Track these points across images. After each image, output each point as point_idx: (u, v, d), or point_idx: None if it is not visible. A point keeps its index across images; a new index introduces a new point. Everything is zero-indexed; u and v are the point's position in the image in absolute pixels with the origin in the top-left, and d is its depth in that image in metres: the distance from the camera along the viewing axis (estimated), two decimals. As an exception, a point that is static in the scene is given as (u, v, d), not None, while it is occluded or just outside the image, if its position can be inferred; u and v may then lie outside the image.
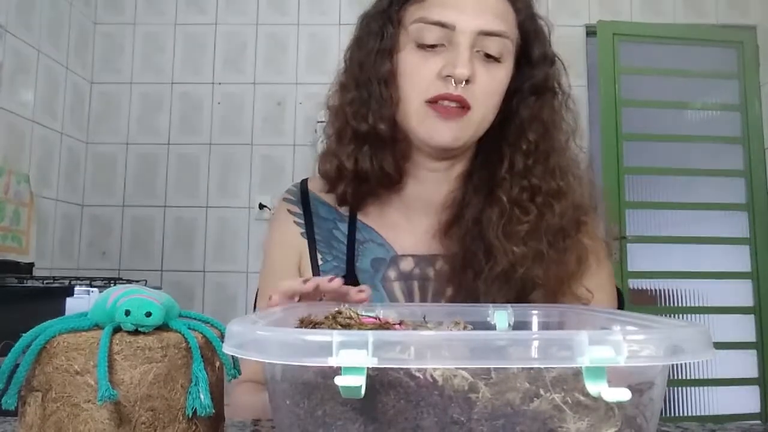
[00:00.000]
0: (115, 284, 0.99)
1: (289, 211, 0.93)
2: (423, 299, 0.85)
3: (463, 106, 0.79)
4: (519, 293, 0.79)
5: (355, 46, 0.87)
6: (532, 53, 0.84)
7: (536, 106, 0.84)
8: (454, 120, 0.79)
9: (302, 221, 0.91)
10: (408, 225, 0.88)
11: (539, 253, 0.79)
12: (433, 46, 0.79)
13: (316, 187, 0.94)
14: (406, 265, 0.86)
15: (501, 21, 0.80)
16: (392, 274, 0.86)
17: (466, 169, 0.88)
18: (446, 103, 0.79)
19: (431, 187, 0.87)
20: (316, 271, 0.88)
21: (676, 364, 1.96)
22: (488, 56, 0.79)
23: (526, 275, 0.78)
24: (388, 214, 0.89)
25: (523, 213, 0.80)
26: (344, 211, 0.90)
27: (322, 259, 0.88)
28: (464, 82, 0.77)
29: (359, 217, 0.90)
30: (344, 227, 0.89)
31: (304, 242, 0.90)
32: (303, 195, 0.93)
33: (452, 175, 0.87)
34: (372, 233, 0.89)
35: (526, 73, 0.84)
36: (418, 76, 0.80)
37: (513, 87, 0.84)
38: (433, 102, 0.79)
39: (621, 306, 0.94)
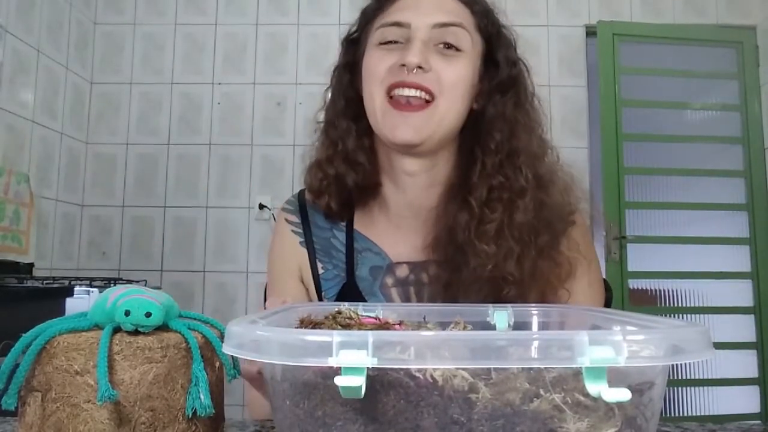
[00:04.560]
0: (115, 284, 0.99)
1: (287, 220, 0.95)
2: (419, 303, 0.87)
3: (427, 98, 0.80)
4: (493, 291, 0.79)
5: (335, 66, 0.94)
6: (496, 55, 0.87)
7: (501, 104, 0.85)
8: (415, 113, 0.80)
9: (300, 230, 0.93)
10: (399, 233, 0.90)
11: (510, 250, 0.79)
12: (392, 42, 0.83)
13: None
14: (402, 272, 0.88)
15: (455, 16, 0.83)
16: (389, 280, 0.87)
17: (447, 175, 0.88)
18: (405, 91, 0.80)
19: (412, 193, 0.88)
20: (317, 279, 0.90)
21: (676, 364, 1.97)
22: (447, 47, 0.82)
23: (498, 273, 0.79)
24: (379, 224, 0.91)
25: (491, 211, 0.81)
26: (341, 220, 0.92)
27: (322, 267, 0.91)
28: (416, 69, 0.79)
29: (356, 226, 0.92)
30: (342, 236, 0.91)
31: (304, 251, 0.92)
32: (301, 205, 0.96)
33: (432, 180, 0.87)
34: (368, 242, 0.90)
35: (492, 74, 0.86)
36: (377, 69, 0.83)
37: (481, 89, 0.86)
38: (391, 93, 0.81)
39: (609, 300, 0.95)
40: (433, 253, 0.85)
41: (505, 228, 0.80)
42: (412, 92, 0.80)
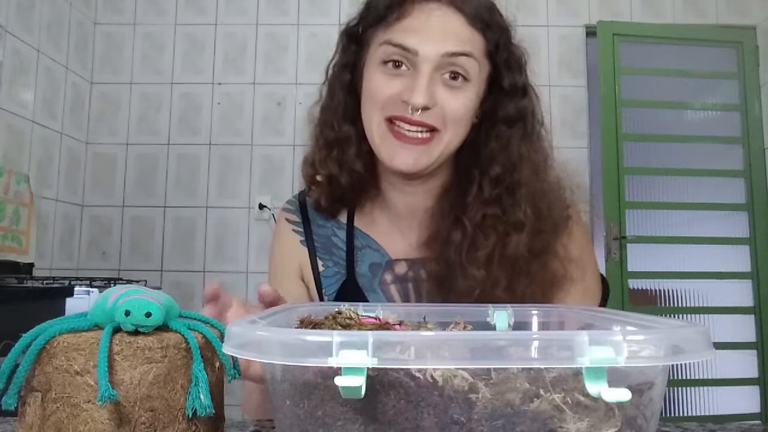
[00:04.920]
0: (115, 284, 0.99)
1: (288, 220, 0.96)
2: (418, 300, 0.87)
3: (431, 129, 0.79)
4: None
5: (333, 60, 0.91)
6: (503, 82, 0.84)
7: (506, 136, 0.83)
8: (415, 146, 0.79)
9: (301, 230, 0.94)
10: (398, 231, 0.90)
11: (498, 278, 0.79)
12: (397, 66, 0.79)
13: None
14: (400, 268, 0.88)
15: (466, 44, 0.79)
16: (388, 277, 0.88)
17: (446, 180, 0.88)
18: (405, 127, 0.79)
19: (411, 197, 0.88)
20: (317, 277, 0.91)
21: (676, 364, 1.97)
22: (454, 77, 0.79)
23: (486, 298, 0.78)
24: (378, 221, 0.92)
25: (484, 237, 0.80)
26: (341, 218, 0.93)
27: (323, 265, 0.91)
28: (420, 110, 0.77)
29: (356, 224, 0.92)
30: (342, 234, 0.92)
31: (304, 250, 0.92)
32: (301, 204, 0.96)
33: (432, 185, 0.88)
34: (368, 239, 0.91)
35: (499, 102, 0.84)
36: (379, 95, 0.80)
37: (486, 113, 0.84)
38: (392, 122, 0.79)
39: (605, 298, 0.95)
40: (430, 250, 0.86)
41: (495, 257, 0.79)
42: (414, 127, 0.79)
